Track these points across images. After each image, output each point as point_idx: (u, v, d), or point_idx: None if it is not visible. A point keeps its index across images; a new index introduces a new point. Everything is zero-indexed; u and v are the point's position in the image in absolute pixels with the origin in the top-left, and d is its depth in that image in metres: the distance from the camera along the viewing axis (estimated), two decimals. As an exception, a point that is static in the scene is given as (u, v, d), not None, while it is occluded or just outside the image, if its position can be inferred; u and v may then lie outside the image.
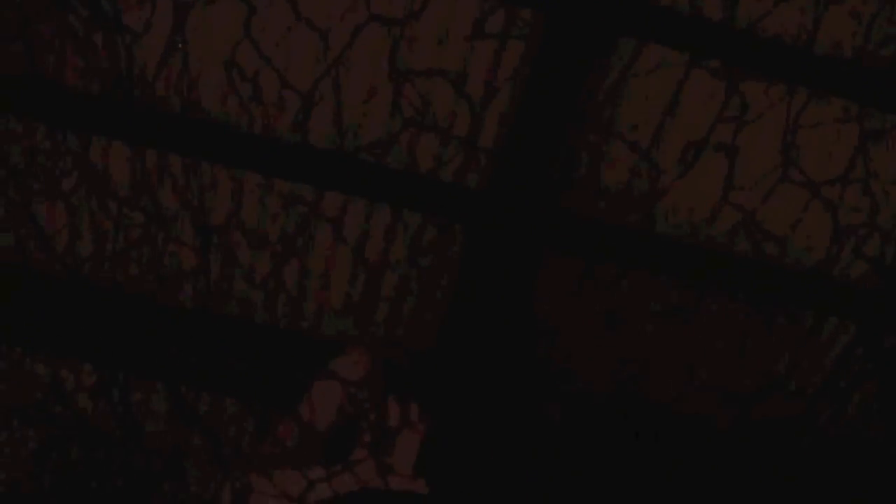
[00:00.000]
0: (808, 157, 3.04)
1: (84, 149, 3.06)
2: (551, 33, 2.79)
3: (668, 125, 3.00)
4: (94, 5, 2.80)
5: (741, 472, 3.58)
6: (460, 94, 2.94)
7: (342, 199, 3.13)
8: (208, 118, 2.97)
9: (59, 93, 2.92)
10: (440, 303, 3.30)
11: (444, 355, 3.30)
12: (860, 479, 3.61)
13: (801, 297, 3.19)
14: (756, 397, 3.49)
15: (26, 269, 3.29)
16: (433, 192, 3.03)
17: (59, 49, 2.88)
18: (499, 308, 3.22)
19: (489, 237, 3.10)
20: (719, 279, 3.16)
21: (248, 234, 3.19)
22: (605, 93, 2.95)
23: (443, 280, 3.27)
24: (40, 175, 3.12)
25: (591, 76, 2.91)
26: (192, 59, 2.88)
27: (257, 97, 2.95)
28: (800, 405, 3.51)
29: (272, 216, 3.16)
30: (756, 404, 3.51)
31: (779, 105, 2.96)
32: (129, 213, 3.18)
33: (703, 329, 3.35)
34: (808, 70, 2.85)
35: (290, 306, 3.33)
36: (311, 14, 2.81)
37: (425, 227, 3.17)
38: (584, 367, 3.41)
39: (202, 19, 2.82)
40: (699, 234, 3.18)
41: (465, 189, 3.05)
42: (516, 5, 2.76)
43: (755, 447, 3.57)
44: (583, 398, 3.47)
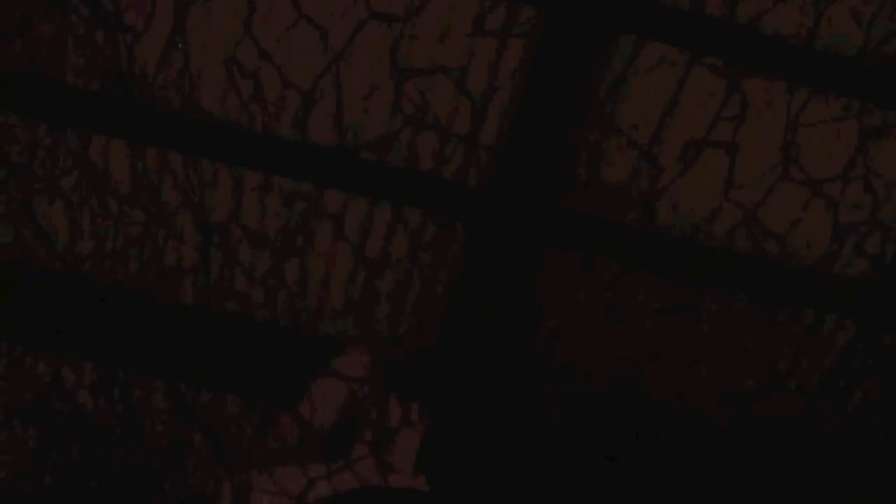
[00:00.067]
0: (808, 155, 3.04)
1: (84, 147, 3.06)
2: (552, 31, 2.79)
3: (669, 123, 3.00)
4: (94, 4, 2.80)
5: (741, 471, 3.58)
6: (461, 91, 2.94)
7: (343, 197, 3.13)
8: (209, 116, 2.97)
9: (60, 91, 2.92)
10: (441, 301, 3.30)
11: (444, 353, 3.30)
12: (861, 477, 3.61)
13: (802, 294, 3.19)
14: (756, 395, 3.49)
15: (26, 268, 3.29)
16: (434, 190, 3.03)
17: (60, 47, 2.88)
18: (499, 306, 3.22)
19: (490, 235, 3.10)
20: (719, 277, 3.16)
21: (248, 231, 3.19)
22: (606, 90, 2.95)
23: (443, 278, 3.27)
24: (40, 173, 3.12)
25: (592, 74, 2.91)
26: (193, 56, 2.88)
27: (258, 95, 2.95)
28: (800, 403, 3.51)
29: (273, 214, 3.16)
30: (756, 402, 3.51)
31: (779, 102, 2.96)
32: (130, 211, 3.18)
33: (704, 327, 3.35)
34: (808, 67, 2.85)
35: (290, 304, 3.33)
36: (311, 11, 2.81)
37: (426, 224, 3.17)
38: (584, 365, 3.41)
39: (203, 17, 2.82)
40: (700, 231, 3.18)
41: (466, 187, 3.05)
42: (517, 2, 2.76)
43: (755, 446, 3.57)
44: (583, 397, 3.47)
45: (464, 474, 3.11)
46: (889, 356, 3.40)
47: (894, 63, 2.89)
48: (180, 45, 2.85)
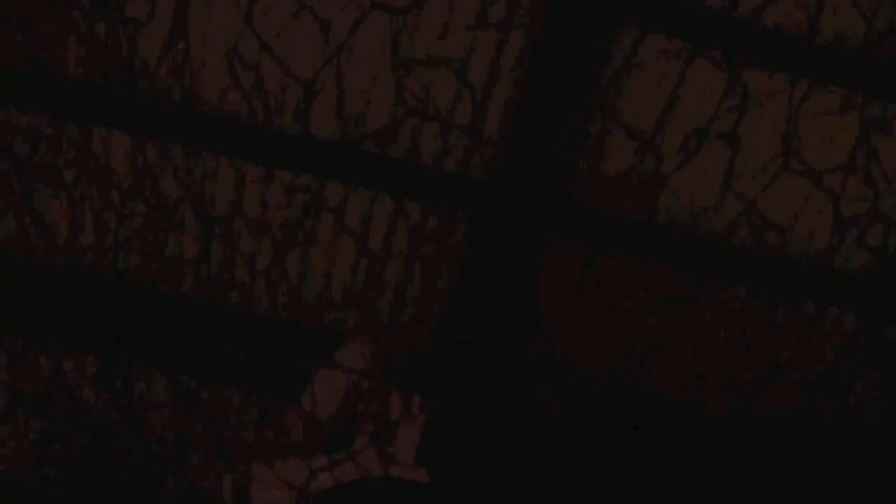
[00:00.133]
0: (809, 147, 3.04)
1: (86, 139, 3.06)
2: (553, 22, 2.79)
3: (671, 114, 3.00)
4: (96, -5, 2.80)
5: (743, 463, 3.58)
6: (463, 83, 2.94)
7: (344, 189, 3.13)
8: (210, 108, 2.97)
9: (62, 83, 2.92)
10: (442, 292, 3.30)
11: (445, 345, 3.30)
12: (861, 468, 3.61)
13: (803, 286, 3.19)
14: (758, 387, 3.49)
15: (28, 260, 3.29)
16: (436, 181, 3.03)
17: (62, 40, 2.88)
18: (501, 298, 3.21)
19: (492, 226, 3.09)
20: (721, 268, 3.15)
21: (249, 223, 3.19)
22: (608, 82, 2.95)
23: (445, 269, 3.26)
24: (42, 166, 3.12)
25: (594, 65, 2.91)
26: (194, 49, 2.88)
27: (259, 87, 2.95)
28: (802, 395, 3.51)
29: (274, 206, 3.16)
30: (758, 394, 3.51)
31: (780, 94, 2.96)
32: (131, 202, 3.18)
33: (705, 319, 3.35)
34: (810, 59, 2.85)
35: (291, 296, 3.33)
36: (313, 3, 2.81)
37: (427, 216, 3.17)
38: (584, 357, 3.41)
39: (204, 9, 2.82)
40: (701, 223, 3.18)
41: (468, 178, 3.05)
42: (518, -6, 2.76)
43: (757, 437, 3.57)
44: (583, 388, 3.47)
45: (464, 464, 3.11)
46: (891, 348, 3.40)
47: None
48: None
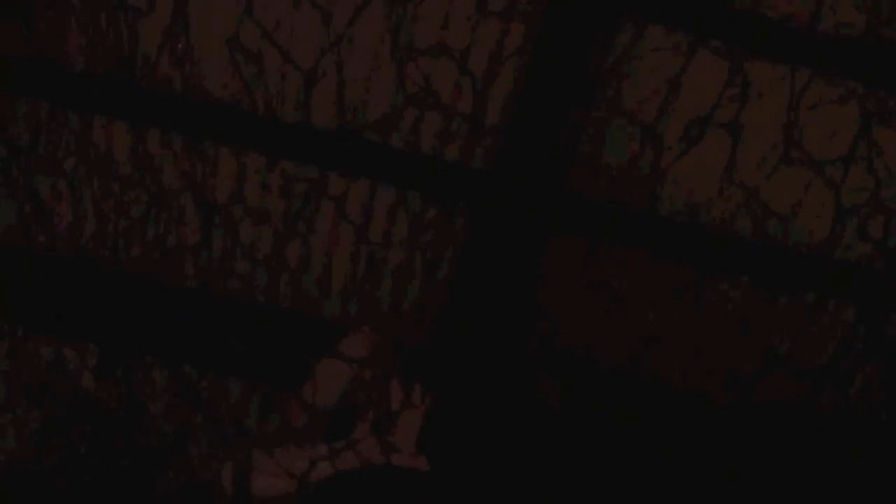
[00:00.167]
0: (811, 137, 3.04)
1: (86, 128, 3.06)
2: (554, 11, 2.79)
3: (672, 104, 3.00)
4: (96, -18, 2.80)
5: (743, 453, 3.59)
6: (464, 72, 2.94)
7: (345, 178, 3.13)
8: (210, 97, 2.98)
9: (62, 72, 2.92)
10: (443, 282, 3.31)
11: (447, 334, 3.31)
12: (861, 459, 3.62)
13: (804, 276, 3.19)
14: (758, 377, 3.50)
15: (28, 249, 3.30)
16: (437, 170, 3.03)
17: (62, 28, 2.88)
18: (502, 288, 3.22)
19: (493, 217, 3.10)
20: (722, 258, 3.16)
21: (250, 212, 3.20)
22: (609, 71, 2.95)
23: (446, 259, 3.27)
24: (42, 154, 3.12)
25: (595, 54, 2.91)
26: (195, 37, 2.88)
27: (260, 75, 2.95)
28: (802, 387, 3.52)
29: (275, 194, 3.17)
30: (758, 385, 3.52)
31: (782, 84, 2.96)
32: (132, 191, 3.18)
33: (706, 308, 3.36)
34: (811, 49, 2.85)
35: (292, 285, 3.34)
36: (314, -9, 2.81)
37: (428, 205, 3.17)
38: (585, 346, 3.42)
39: (205, -4, 2.82)
40: (702, 212, 3.18)
41: (469, 168, 3.06)
42: (520, -18, 2.76)
43: (758, 428, 3.58)
44: (584, 377, 3.48)
45: (465, 454, 3.12)
46: (891, 340, 3.41)
47: (898, 44, 2.89)
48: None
